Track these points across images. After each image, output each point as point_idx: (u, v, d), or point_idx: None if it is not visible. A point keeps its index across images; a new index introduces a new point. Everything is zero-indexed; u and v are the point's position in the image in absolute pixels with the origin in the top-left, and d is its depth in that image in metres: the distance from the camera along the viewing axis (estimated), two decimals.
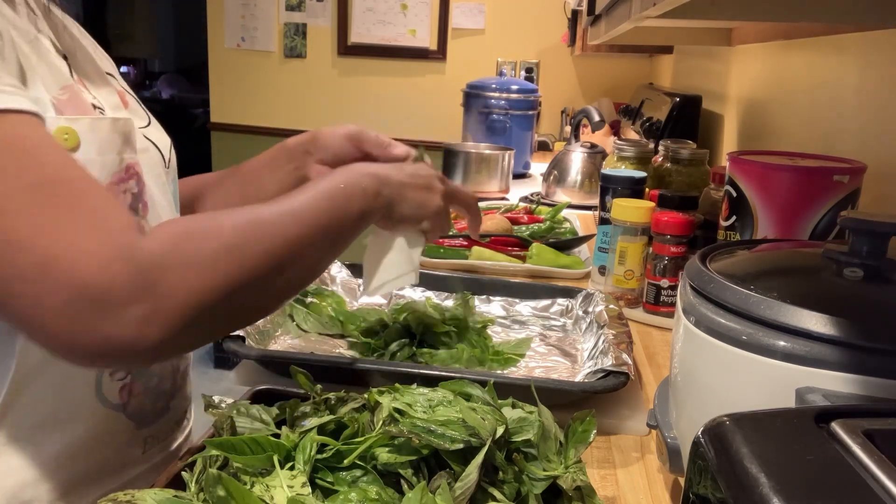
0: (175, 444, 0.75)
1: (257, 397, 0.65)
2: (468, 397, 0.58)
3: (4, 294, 0.49)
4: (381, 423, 0.53)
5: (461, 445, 0.50)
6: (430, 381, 0.62)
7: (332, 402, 0.60)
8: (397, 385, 0.58)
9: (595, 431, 0.57)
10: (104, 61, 0.73)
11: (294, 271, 0.60)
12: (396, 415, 0.54)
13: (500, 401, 0.59)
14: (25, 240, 0.49)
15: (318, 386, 0.63)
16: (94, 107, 0.63)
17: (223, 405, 0.59)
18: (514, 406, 0.59)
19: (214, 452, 0.52)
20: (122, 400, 0.68)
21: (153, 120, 0.75)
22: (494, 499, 0.51)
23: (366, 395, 0.59)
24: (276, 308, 0.67)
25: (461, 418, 0.52)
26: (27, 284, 0.49)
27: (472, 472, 0.49)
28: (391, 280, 0.76)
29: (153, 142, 0.71)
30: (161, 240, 0.53)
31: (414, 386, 0.58)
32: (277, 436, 0.54)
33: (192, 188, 0.87)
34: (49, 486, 0.63)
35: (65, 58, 0.63)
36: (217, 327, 0.58)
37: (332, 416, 0.56)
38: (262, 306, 0.62)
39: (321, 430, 0.55)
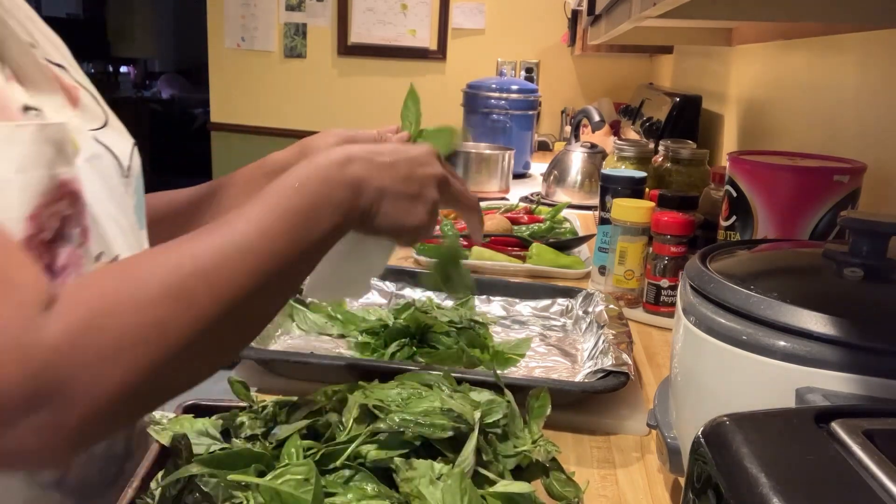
0: None
1: (189, 411, 0.61)
2: (429, 388, 0.59)
3: None
4: (351, 421, 0.54)
5: (451, 432, 0.52)
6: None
7: (272, 409, 0.59)
8: (361, 383, 0.59)
9: (549, 406, 0.59)
10: (54, 51, 0.61)
11: (241, 325, 0.48)
12: (376, 412, 0.54)
13: (457, 386, 0.60)
14: None
15: (254, 394, 0.62)
16: (27, 108, 0.50)
17: (164, 420, 0.58)
18: (469, 391, 0.60)
19: (194, 471, 0.50)
20: (56, 476, 0.55)
21: (112, 119, 0.62)
22: (488, 480, 0.52)
23: (318, 397, 0.59)
24: (224, 362, 0.52)
25: (439, 407, 0.53)
26: None
27: (468, 456, 0.51)
28: (341, 288, 0.65)
29: (107, 146, 0.59)
30: (65, 323, 0.40)
31: (375, 382, 0.59)
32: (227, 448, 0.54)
33: (158, 211, 0.73)
34: None
35: None
36: (145, 409, 0.48)
37: (307, 421, 0.56)
38: (212, 362, 0.48)
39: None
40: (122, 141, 0.62)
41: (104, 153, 0.58)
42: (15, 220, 0.47)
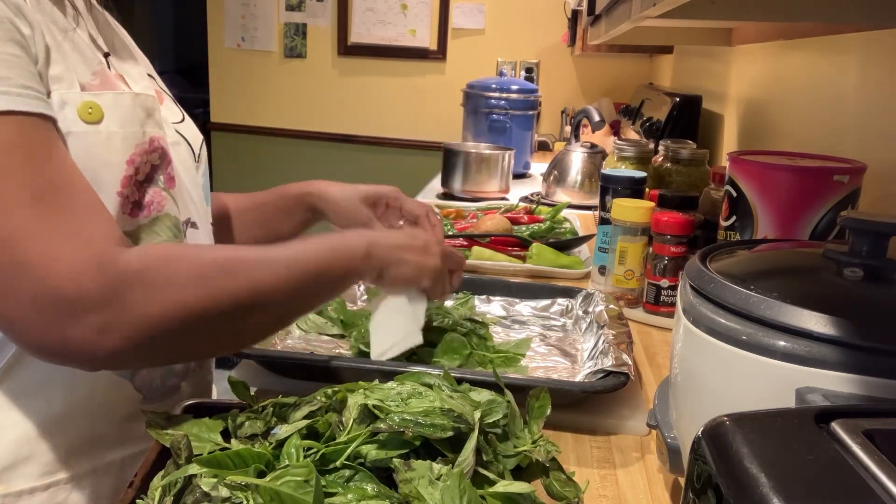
0: None
1: (189, 411, 0.63)
2: (429, 387, 0.59)
3: None
4: (351, 421, 0.54)
5: (451, 433, 0.52)
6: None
7: (272, 409, 0.59)
8: (361, 382, 0.59)
9: (549, 406, 0.60)
10: (144, 63, 0.79)
11: (258, 316, 0.61)
12: (376, 411, 0.54)
13: (457, 386, 0.60)
14: (7, 238, 0.52)
15: (254, 394, 0.63)
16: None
17: (164, 421, 0.58)
18: (469, 391, 0.60)
19: (193, 471, 0.50)
20: (130, 372, 0.69)
21: (187, 117, 0.81)
22: (488, 480, 0.52)
23: (319, 397, 0.59)
24: (235, 348, 0.69)
25: (439, 407, 0.53)
26: (2, 282, 0.52)
27: (468, 456, 0.50)
28: (396, 343, 0.77)
29: (184, 136, 0.77)
30: (139, 258, 0.56)
31: (375, 382, 0.59)
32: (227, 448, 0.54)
33: (214, 207, 0.92)
34: (48, 445, 0.65)
35: (106, 55, 0.68)
36: (174, 351, 0.60)
37: (307, 421, 0.56)
38: (221, 343, 0.63)
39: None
40: (195, 134, 0.80)
41: (182, 141, 0.76)
42: (118, 162, 0.64)
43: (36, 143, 0.55)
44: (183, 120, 0.79)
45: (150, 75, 0.77)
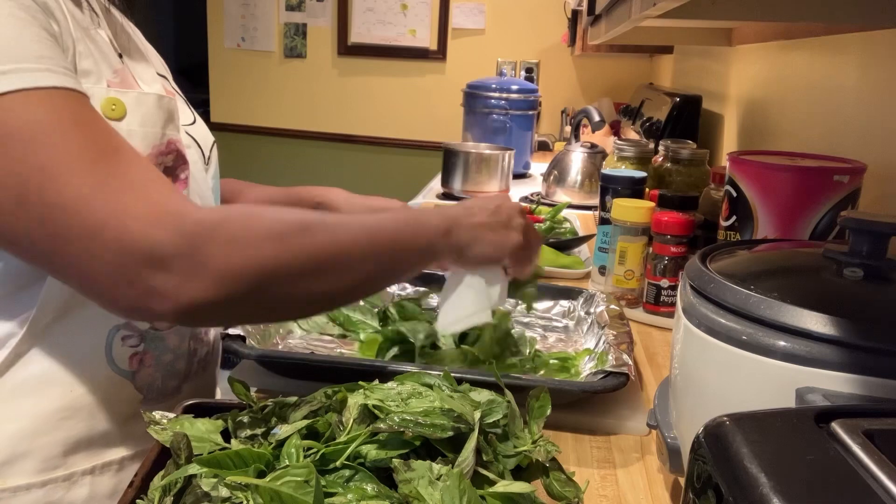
0: None
1: (189, 411, 0.62)
2: (429, 387, 0.59)
3: (57, 255, 0.53)
4: (351, 421, 0.54)
5: (451, 433, 0.51)
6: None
7: (272, 409, 0.59)
8: (361, 383, 0.59)
9: (549, 406, 0.60)
10: (158, 66, 0.79)
11: (335, 279, 0.60)
12: (376, 411, 0.54)
13: (457, 386, 0.60)
14: (76, 204, 0.52)
15: (254, 394, 0.63)
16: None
17: (165, 420, 0.59)
18: (469, 391, 0.60)
19: (193, 471, 0.50)
20: (131, 367, 0.70)
21: (198, 119, 0.81)
22: (488, 480, 0.51)
23: (319, 397, 0.59)
24: (309, 313, 0.70)
25: (439, 407, 0.53)
26: (78, 246, 0.53)
27: (467, 456, 0.50)
28: (463, 318, 0.76)
29: (194, 138, 0.77)
30: (217, 212, 0.56)
31: (375, 382, 0.59)
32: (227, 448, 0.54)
33: (230, 190, 0.97)
34: (46, 441, 0.65)
35: (120, 56, 0.69)
36: (248, 309, 0.59)
37: (307, 421, 0.56)
38: (296, 304, 0.62)
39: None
40: (206, 136, 0.81)
41: (192, 143, 0.77)
42: None
43: (84, 114, 0.56)
44: (194, 122, 0.80)
45: (162, 76, 0.77)
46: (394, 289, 1.07)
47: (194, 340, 0.77)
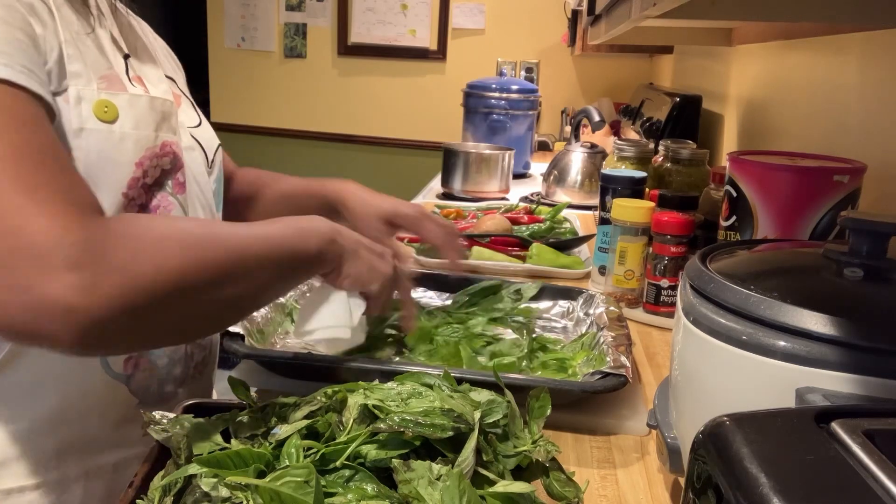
0: None
1: (189, 411, 0.62)
2: (429, 387, 0.59)
3: None
4: (351, 421, 0.54)
5: (451, 433, 0.51)
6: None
7: (272, 409, 0.59)
8: (361, 383, 0.59)
9: (549, 406, 0.60)
10: (168, 67, 0.79)
11: (236, 289, 0.59)
12: (376, 411, 0.54)
13: (457, 386, 0.60)
14: None
15: (254, 394, 0.63)
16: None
17: (164, 421, 0.59)
18: (469, 391, 0.60)
19: (193, 471, 0.50)
20: (126, 371, 0.69)
21: (204, 121, 0.81)
22: (488, 480, 0.52)
23: (319, 397, 0.59)
24: (213, 326, 0.67)
25: (439, 407, 0.53)
26: None
27: (468, 456, 0.50)
28: (325, 328, 0.75)
29: (199, 141, 0.77)
30: (122, 221, 0.56)
31: (376, 382, 0.59)
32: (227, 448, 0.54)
33: (251, 182, 0.98)
34: (39, 444, 0.65)
35: (126, 56, 0.69)
36: (153, 323, 0.55)
37: (307, 421, 0.56)
38: (200, 317, 0.59)
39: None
40: (210, 139, 0.80)
41: (196, 146, 0.77)
42: (126, 162, 0.65)
43: (27, 114, 0.55)
44: (200, 124, 0.79)
45: (171, 78, 0.77)
46: None
47: (192, 344, 0.77)
